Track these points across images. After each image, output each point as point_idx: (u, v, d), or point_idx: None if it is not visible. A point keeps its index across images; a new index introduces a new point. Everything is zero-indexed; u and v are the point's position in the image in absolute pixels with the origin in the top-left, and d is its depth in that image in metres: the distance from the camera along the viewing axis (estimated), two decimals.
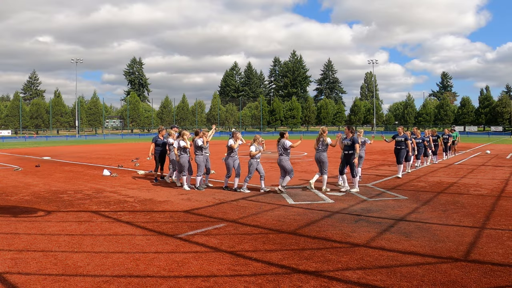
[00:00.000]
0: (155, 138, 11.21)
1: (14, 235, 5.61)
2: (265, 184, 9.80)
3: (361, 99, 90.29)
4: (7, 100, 78.13)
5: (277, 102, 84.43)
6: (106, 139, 50.43)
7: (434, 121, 74.57)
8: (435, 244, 5.11)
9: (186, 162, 9.82)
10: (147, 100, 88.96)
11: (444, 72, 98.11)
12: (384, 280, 3.94)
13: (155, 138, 11.21)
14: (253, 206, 7.66)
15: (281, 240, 5.37)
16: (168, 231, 5.83)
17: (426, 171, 13.12)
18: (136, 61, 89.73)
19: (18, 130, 66.00)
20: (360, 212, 7.02)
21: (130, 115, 74.67)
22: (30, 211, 7.29)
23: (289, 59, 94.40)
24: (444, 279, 3.95)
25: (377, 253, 4.79)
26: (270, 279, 4.01)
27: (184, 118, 78.16)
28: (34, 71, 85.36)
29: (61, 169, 14.54)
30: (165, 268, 4.31)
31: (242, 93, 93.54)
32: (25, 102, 74.15)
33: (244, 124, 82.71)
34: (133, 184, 10.71)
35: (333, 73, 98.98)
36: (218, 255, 4.75)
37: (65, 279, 4.01)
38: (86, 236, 5.61)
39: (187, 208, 7.49)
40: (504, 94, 79.52)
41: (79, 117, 67.08)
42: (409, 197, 8.49)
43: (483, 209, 7.18)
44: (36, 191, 9.59)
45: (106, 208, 7.57)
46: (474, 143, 33.21)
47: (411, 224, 6.15)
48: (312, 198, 8.45)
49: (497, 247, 4.94)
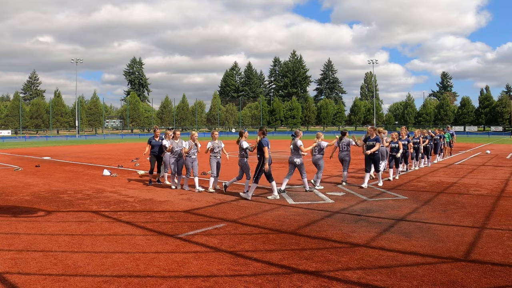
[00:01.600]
0: (150, 139, 11.04)
1: (14, 235, 5.61)
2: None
3: (361, 99, 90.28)
4: (7, 100, 78.10)
5: (277, 102, 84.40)
6: (106, 139, 50.43)
7: (434, 121, 74.53)
8: (435, 244, 5.11)
9: (187, 163, 9.84)
10: (147, 100, 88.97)
11: (444, 72, 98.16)
12: (384, 280, 3.94)
13: (150, 139, 11.05)
14: (253, 206, 7.66)
15: (281, 240, 5.37)
16: (168, 231, 5.83)
17: (426, 171, 13.11)
18: (136, 61, 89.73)
19: (18, 130, 65.98)
20: (360, 212, 7.02)
21: (130, 115, 74.65)
22: (30, 211, 7.29)
23: (289, 59, 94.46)
24: (444, 279, 3.95)
25: (377, 253, 4.79)
26: (270, 279, 4.01)
27: (184, 118, 78.16)
28: (34, 71, 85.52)
29: (61, 169, 14.53)
30: (165, 268, 4.31)
31: (242, 93, 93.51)
32: (25, 102, 74.14)
33: (244, 124, 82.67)
34: (133, 184, 10.71)
35: (333, 73, 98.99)
36: (218, 255, 4.75)
37: (65, 279, 4.01)
38: (86, 236, 5.61)
39: (187, 208, 7.49)
40: (504, 94, 79.48)
41: (79, 117, 67.06)
42: (409, 197, 8.49)
43: (483, 209, 7.18)
44: (36, 191, 9.59)
45: (106, 208, 7.57)
46: (474, 143, 33.21)
47: (411, 224, 6.15)
48: (312, 198, 8.45)
49: (497, 247, 4.94)
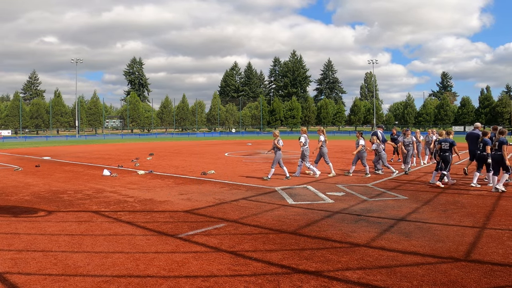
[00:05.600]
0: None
1: (14, 235, 5.61)
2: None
3: (361, 99, 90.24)
4: (7, 100, 78.09)
5: (277, 102, 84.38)
6: (106, 139, 50.42)
7: (434, 121, 74.55)
8: (435, 244, 5.11)
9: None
10: (147, 100, 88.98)
11: (444, 72, 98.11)
12: (384, 280, 3.94)
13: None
14: (253, 206, 7.66)
15: (281, 240, 5.37)
16: (168, 231, 5.83)
17: (426, 171, 13.11)
18: (136, 61, 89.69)
19: (18, 130, 65.99)
20: (360, 212, 7.02)
21: (130, 115, 74.64)
22: (30, 211, 7.30)
23: (289, 59, 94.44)
24: (444, 279, 3.95)
25: (377, 253, 4.79)
26: (270, 279, 4.01)
27: (184, 118, 78.17)
28: (34, 71, 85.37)
29: (61, 169, 14.54)
30: (165, 268, 4.31)
31: (242, 93, 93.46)
32: (25, 102, 74.13)
33: (244, 124, 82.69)
34: (133, 184, 10.71)
35: (333, 73, 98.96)
36: (218, 255, 4.75)
37: (65, 279, 4.01)
38: (86, 236, 5.61)
39: (187, 208, 7.49)
40: (504, 94, 79.48)
41: (79, 117, 67.06)
42: (409, 197, 8.49)
43: (483, 209, 7.18)
44: (36, 191, 9.59)
45: (106, 208, 7.57)
46: None
47: (411, 224, 6.15)
48: (312, 198, 8.45)
49: (497, 247, 4.94)
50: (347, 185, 10.09)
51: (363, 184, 10.36)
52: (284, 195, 8.77)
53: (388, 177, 11.54)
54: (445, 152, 9.99)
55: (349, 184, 10.35)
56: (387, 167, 12.35)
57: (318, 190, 9.31)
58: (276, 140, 11.09)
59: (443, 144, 10.10)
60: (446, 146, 10.01)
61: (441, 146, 10.14)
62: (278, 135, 11.34)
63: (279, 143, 11.04)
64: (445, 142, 10.07)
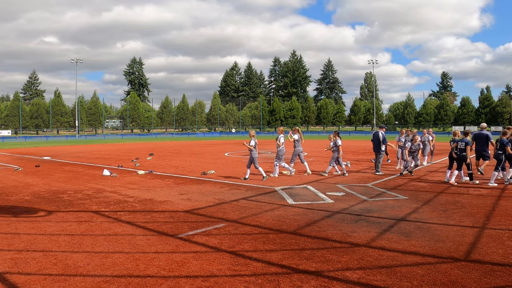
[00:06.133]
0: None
1: (14, 235, 5.61)
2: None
3: (361, 99, 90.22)
4: (7, 100, 78.08)
5: (277, 102, 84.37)
6: (106, 139, 50.43)
7: (434, 121, 74.56)
8: (435, 244, 5.11)
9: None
10: (147, 100, 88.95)
11: (444, 72, 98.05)
12: (384, 280, 3.94)
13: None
14: (253, 206, 7.66)
15: (281, 240, 5.37)
16: (168, 231, 5.83)
17: (426, 171, 13.11)
18: (136, 61, 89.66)
19: (18, 130, 65.98)
20: (360, 212, 7.02)
21: (130, 115, 74.63)
22: (30, 211, 7.30)
23: (289, 59, 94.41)
24: (444, 279, 3.95)
25: (377, 253, 4.79)
26: (270, 279, 4.01)
27: (184, 118, 78.16)
28: (34, 71, 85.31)
29: (61, 169, 14.54)
30: (165, 268, 4.31)
31: (242, 93, 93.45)
32: (25, 102, 74.11)
33: (244, 124, 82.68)
34: (133, 184, 10.71)
35: (333, 73, 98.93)
36: (218, 255, 4.75)
37: (65, 279, 4.01)
38: (86, 236, 5.61)
39: (187, 208, 7.49)
40: (504, 94, 79.47)
41: (79, 117, 67.05)
42: (409, 197, 8.49)
43: (483, 209, 7.18)
44: (36, 191, 9.59)
45: (106, 208, 7.57)
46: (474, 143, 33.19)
47: (411, 224, 6.15)
48: (312, 198, 8.45)
49: (497, 247, 4.94)
50: (347, 185, 10.10)
51: (363, 184, 10.36)
52: (284, 195, 8.77)
53: (388, 177, 11.55)
54: (462, 151, 10.28)
55: (349, 184, 10.35)
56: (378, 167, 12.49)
57: (318, 190, 9.31)
58: (250, 140, 11.22)
59: (459, 144, 10.38)
60: (462, 145, 10.30)
61: (457, 145, 10.43)
62: (254, 135, 11.45)
63: (250, 143, 11.13)
64: (461, 142, 10.36)
